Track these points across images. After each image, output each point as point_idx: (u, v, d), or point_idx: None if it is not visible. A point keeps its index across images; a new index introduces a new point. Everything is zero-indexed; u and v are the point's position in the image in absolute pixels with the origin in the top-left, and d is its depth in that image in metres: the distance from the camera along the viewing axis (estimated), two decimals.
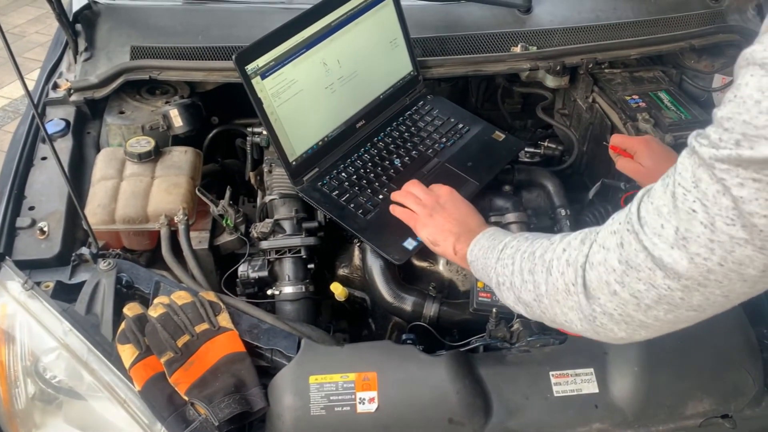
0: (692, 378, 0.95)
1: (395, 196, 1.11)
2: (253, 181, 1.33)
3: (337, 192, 1.18)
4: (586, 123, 1.41)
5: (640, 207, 0.65)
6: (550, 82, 1.41)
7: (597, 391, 0.94)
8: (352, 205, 1.16)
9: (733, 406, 0.95)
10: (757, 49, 0.53)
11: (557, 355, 0.97)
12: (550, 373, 0.95)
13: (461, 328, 1.12)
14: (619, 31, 1.42)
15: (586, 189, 1.32)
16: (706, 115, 1.28)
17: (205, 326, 0.97)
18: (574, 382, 0.95)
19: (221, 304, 1.01)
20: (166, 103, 1.30)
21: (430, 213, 1.02)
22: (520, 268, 0.79)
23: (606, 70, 1.42)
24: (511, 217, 1.20)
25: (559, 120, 1.51)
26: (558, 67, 1.36)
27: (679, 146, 1.22)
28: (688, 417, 0.94)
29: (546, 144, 1.45)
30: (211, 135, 1.39)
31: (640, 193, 0.67)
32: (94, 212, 1.13)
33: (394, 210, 1.10)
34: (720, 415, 0.94)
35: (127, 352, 0.94)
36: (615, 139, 1.17)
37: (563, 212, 1.26)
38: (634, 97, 1.34)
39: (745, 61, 0.54)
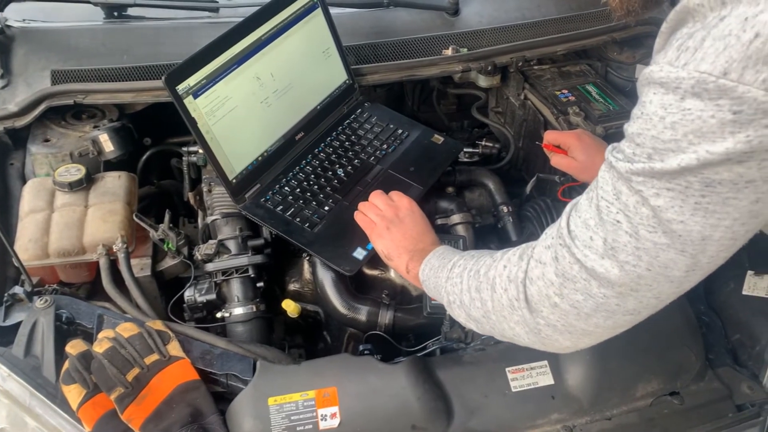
0: (640, 360, 0.99)
1: (361, 205, 1.11)
2: (192, 201, 1.30)
3: (281, 207, 1.16)
4: (520, 120, 1.44)
5: (569, 221, 0.68)
6: (483, 81, 1.43)
7: (552, 382, 0.96)
8: (298, 219, 1.14)
9: (679, 383, 0.99)
10: (654, 70, 0.56)
11: (512, 351, 0.99)
12: (507, 369, 0.97)
13: (417, 332, 1.12)
14: (544, 28, 1.46)
15: (525, 183, 1.36)
16: (632, 104, 1.33)
17: (155, 357, 0.93)
18: (530, 376, 0.97)
19: (170, 332, 0.98)
20: (95, 127, 1.25)
21: (388, 226, 1.03)
22: (468, 286, 0.81)
23: (535, 67, 1.46)
24: (456, 218, 1.22)
25: (494, 118, 1.54)
26: (489, 67, 1.38)
27: (609, 137, 1.26)
28: (639, 398, 0.97)
29: (483, 143, 1.47)
30: (144, 157, 1.34)
31: (568, 208, 0.70)
32: (25, 248, 1.07)
33: (356, 216, 1.10)
34: (668, 393, 0.98)
35: (74, 393, 0.90)
36: (548, 136, 1.20)
37: (505, 209, 1.29)
38: (563, 91, 1.38)
39: (645, 80, 0.58)
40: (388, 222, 1.03)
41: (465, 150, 1.43)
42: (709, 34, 0.52)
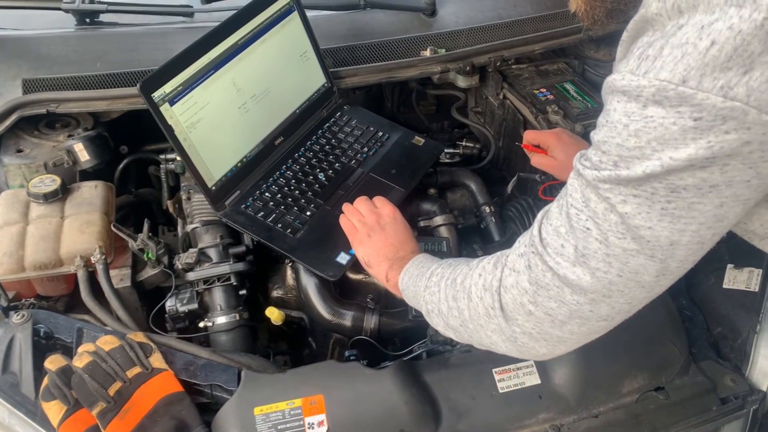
0: (625, 357, 1.00)
1: (345, 207, 1.11)
2: (171, 209, 1.28)
3: (262, 213, 1.15)
4: (500, 119, 1.45)
5: (541, 229, 0.68)
6: (462, 82, 1.43)
7: (539, 382, 0.96)
8: (279, 225, 1.13)
9: (664, 378, 1.00)
10: (617, 78, 0.56)
11: None
12: (493, 370, 0.97)
13: (402, 336, 1.12)
14: (521, 28, 1.47)
15: (506, 182, 1.36)
16: None
17: (137, 370, 0.92)
18: (517, 376, 0.97)
19: (152, 344, 0.96)
20: (69, 136, 1.22)
21: (369, 233, 1.03)
22: (445, 295, 0.81)
23: (513, 66, 1.46)
24: (439, 219, 1.22)
25: (474, 119, 1.54)
26: (467, 68, 1.38)
27: (588, 134, 1.27)
28: (625, 394, 0.98)
29: (464, 143, 1.47)
30: (121, 166, 1.32)
31: (539, 216, 0.71)
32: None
33: (341, 219, 1.10)
34: (654, 388, 0.99)
35: (54, 409, 0.88)
36: (527, 136, 1.21)
37: (487, 209, 1.29)
38: (542, 90, 1.39)
39: (609, 89, 0.58)
40: (369, 229, 1.03)
41: (446, 151, 1.43)
42: (667, 43, 0.53)
